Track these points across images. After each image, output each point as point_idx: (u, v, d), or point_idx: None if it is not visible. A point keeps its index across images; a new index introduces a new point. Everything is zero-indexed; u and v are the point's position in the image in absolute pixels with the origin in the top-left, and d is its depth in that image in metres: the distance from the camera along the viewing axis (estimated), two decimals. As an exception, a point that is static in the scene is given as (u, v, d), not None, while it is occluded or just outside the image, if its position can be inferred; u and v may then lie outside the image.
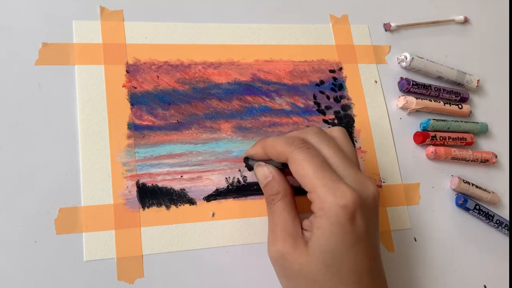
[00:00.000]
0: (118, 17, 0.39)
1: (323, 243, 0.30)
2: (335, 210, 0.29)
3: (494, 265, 0.43)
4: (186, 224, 0.36)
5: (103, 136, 0.36)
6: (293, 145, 0.32)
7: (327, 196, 0.30)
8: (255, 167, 0.35)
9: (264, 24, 0.43)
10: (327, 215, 0.30)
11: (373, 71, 0.45)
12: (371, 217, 0.31)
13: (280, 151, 0.32)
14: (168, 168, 0.37)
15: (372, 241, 0.31)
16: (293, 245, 0.31)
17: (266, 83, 0.41)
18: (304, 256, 0.30)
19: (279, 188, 0.33)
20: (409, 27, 0.48)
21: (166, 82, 0.39)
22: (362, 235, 0.30)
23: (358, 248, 0.30)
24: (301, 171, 0.31)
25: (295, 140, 0.32)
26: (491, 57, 0.50)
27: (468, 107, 0.46)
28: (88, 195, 0.34)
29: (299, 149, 0.31)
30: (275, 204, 0.33)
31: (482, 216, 0.43)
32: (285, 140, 0.32)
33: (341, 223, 0.29)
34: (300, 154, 0.31)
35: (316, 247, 0.30)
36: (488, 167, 0.46)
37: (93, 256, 0.33)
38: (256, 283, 0.36)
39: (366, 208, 0.31)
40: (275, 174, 0.33)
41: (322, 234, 0.30)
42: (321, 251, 0.30)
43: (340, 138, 0.34)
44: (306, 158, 0.31)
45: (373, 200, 0.31)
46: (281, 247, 0.31)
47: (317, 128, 0.34)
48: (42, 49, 0.37)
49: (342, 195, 0.29)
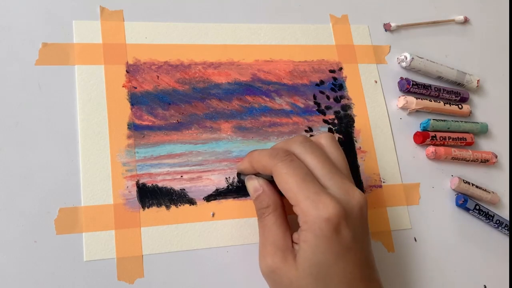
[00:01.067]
0: (118, 17, 0.39)
1: (310, 257, 0.30)
2: (319, 223, 0.29)
3: (494, 265, 0.43)
4: (186, 224, 0.36)
5: (103, 136, 0.36)
6: (276, 158, 0.31)
7: (309, 210, 0.29)
8: (246, 180, 0.34)
9: (264, 24, 0.43)
10: (311, 229, 0.29)
11: (373, 71, 0.45)
12: (358, 225, 0.31)
13: (265, 164, 0.32)
14: (168, 168, 0.37)
15: (361, 249, 0.31)
16: (283, 260, 0.31)
17: (266, 83, 0.41)
18: (293, 271, 0.30)
19: (269, 201, 0.33)
20: (409, 27, 0.48)
21: (166, 82, 0.39)
22: (349, 245, 0.30)
23: (346, 258, 0.30)
24: (284, 184, 0.31)
25: (278, 153, 0.32)
26: (491, 57, 0.50)
27: (468, 107, 0.46)
28: (88, 195, 0.34)
29: (282, 162, 0.31)
30: (266, 217, 0.33)
31: (482, 216, 0.43)
32: (269, 153, 0.32)
33: (326, 235, 0.29)
34: (283, 167, 0.31)
35: (304, 261, 0.30)
36: (488, 167, 0.46)
37: (93, 256, 0.33)
38: (256, 283, 0.36)
39: (352, 218, 0.30)
40: (265, 187, 0.33)
41: (309, 248, 0.30)
42: (309, 265, 0.30)
43: (327, 145, 0.34)
44: (288, 171, 0.30)
45: (359, 209, 0.31)
46: (271, 262, 0.31)
47: (302, 137, 0.33)
48: (42, 49, 0.37)
49: (325, 208, 0.29)
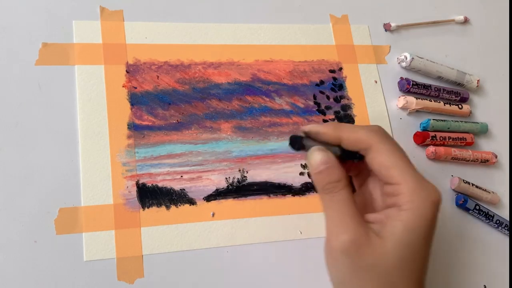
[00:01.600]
0: (118, 17, 0.39)
1: (405, 236, 0.29)
2: (427, 205, 0.29)
3: (494, 265, 0.43)
4: (186, 224, 0.36)
5: (103, 136, 0.36)
6: (377, 135, 0.31)
7: (418, 190, 0.29)
8: (313, 150, 0.31)
9: (264, 24, 0.43)
10: (416, 208, 0.29)
11: (373, 71, 0.45)
12: None
13: (362, 138, 0.31)
14: (168, 168, 0.37)
15: None
16: (366, 235, 0.29)
17: (266, 83, 0.41)
18: (379, 248, 0.29)
19: (341, 175, 0.31)
20: (409, 27, 0.48)
21: (166, 82, 0.39)
22: (435, 231, 0.30)
23: (431, 244, 0.30)
24: (389, 162, 0.30)
25: (378, 130, 0.31)
26: (491, 57, 0.50)
27: (468, 107, 0.46)
28: (88, 195, 0.34)
29: (386, 140, 0.31)
30: (339, 192, 0.30)
31: (482, 216, 0.43)
32: (366, 128, 0.31)
33: (429, 218, 0.29)
34: (388, 145, 0.30)
35: (397, 239, 0.29)
36: (488, 167, 0.46)
37: (93, 256, 0.33)
38: (256, 283, 0.36)
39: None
40: (336, 161, 0.31)
41: (405, 227, 0.29)
42: (402, 244, 0.29)
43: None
44: (394, 149, 0.30)
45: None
46: (354, 237, 0.29)
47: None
48: (42, 49, 0.37)
49: (433, 192, 0.29)
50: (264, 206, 0.38)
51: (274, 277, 0.36)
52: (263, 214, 0.38)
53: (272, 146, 0.40)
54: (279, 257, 0.37)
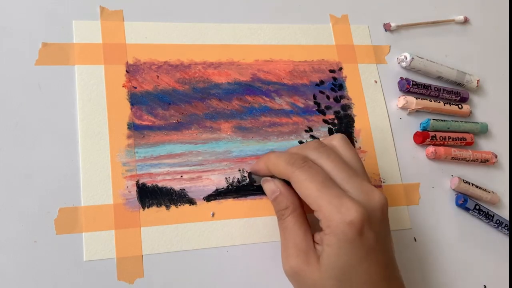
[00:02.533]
0: (118, 17, 0.39)
1: (334, 260, 0.30)
2: (342, 227, 0.29)
3: (494, 265, 0.43)
4: (186, 224, 0.36)
5: (103, 136, 0.36)
6: (294, 165, 0.32)
7: (332, 214, 0.30)
8: (262, 182, 0.35)
9: (264, 24, 0.43)
10: (334, 232, 0.30)
11: (373, 71, 0.45)
12: (380, 227, 0.31)
13: (282, 171, 0.32)
14: (168, 168, 0.37)
15: (384, 249, 0.31)
16: (306, 261, 0.31)
17: (266, 83, 0.41)
18: (316, 272, 0.30)
19: (288, 202, 0.33)
20: (409, 27, 0.48)
21: (166, 82, 0.39)
22: (372, 247, 0.30)
23: (369, 259, 0.30)
24: (304, 191, 0.31)
25: (296, 160, 0.32)
26: (491, 57, 0.50)
27: (468, 107, 0.46)
28: (88, 195, 0.34)
29: (300, 169, 0.31)
30: (285, 219, 0.33)
31: (482, 216, 0.43)
32: (286, 159, 0.32)
33: (349, 239, 0.29)
34: (302, 175, 0.31)
35: (328, 264, 0.30)
36: (488, 167, 0.46)
37: (93, 256, 0.33)
38: (256, 283, 0.36)
39: (374, 219, 0.31)
40: (283, 189, 0.33)
41: (332, 251, 0.30)
42: (333, 267, 0.30)
43: (341, 147, 0.34)
44: (308, 177, 0.31)
45: (380, 210, 0.31)
46: (294, 264, 0.31)
47: (316, 142, 0.34)
48: (42, 49, 0.37)
49: (348, 211, 0.29)
50: (264, 206, 0.38)
51: (274, 277, 0.36)
52: (263, 214, 0.38)
53: (272, 146, 0.40)
54: (279, 257, 0.37)
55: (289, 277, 0.33)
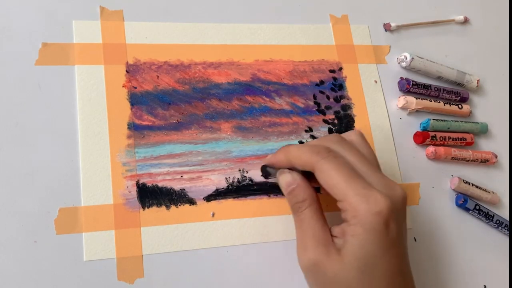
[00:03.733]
0: (118, 17, 0.39)
1: (357, 250, 0.30)
2: (370, 218, 0.29)
3: (494, 265, 0.43)
4: (186, 224, 0.36)
5: (103, 136, 0.36)
6: (319, 155, 0.31)
7: (360, 204, 0.30)
8: (278, 174, 0.34)
9: (264, 24, 0.43)
10: (361, 223, 0.30)
11: (373, 71, 0.45)
12: (402, 220, 0.31)
13: (306, 160, 0.32)
14: (168, 168, 0.37)
15: (404, 243, 0.32)
16: (326, 253, 0.31)
17: (266, 83, 0.41)
18: (337, 264, 0.30)
19: (305, 195, 0.33)
20: (409, 27, 0.48)
21: (166, 82, 0.39)
22: (395, 239, 0.30)
23: (392, 252, 0.30)
24: (330, 180, 0.31)
25: (320, 150, 0.32)
26: (491, 57, 0.50)
27: (468, 107, 0.46)
28: (88, 195, 0.34)
29: (326, 158, 0.31)
30: (303, 212, 0.33)
31: (482, 216, 0.43)
32: (310, 149, 0.32)
33: (376, 230, 0.29)
34: (328, 164, 0.31)
35: (351, 254, 0.30)
36: (488, 167, 0.46)
37: (93, 256, 0.33)
38: (256, 283, 0.36)
39: (397, 212, 0.31)
40: (300, 181, 0.33)
41: (357, 241, 0.30)
42: (356, 258, 0.30)
43: (358, 142, 0.34)
44: (334, 167, 0.31)
45: (402, 204, 0.31)
46: (313, 256, 0.31)
47: (337, 135, 0.34)
48: (42, 49, 0.37)
49: (376, 202, 0.30)
50: (264, 206, 0.38)
51: (274, 277, 0.36)
52: (263, 214, 0.38)
53: (272, 146, 0.40)
54: (279, 257, 0.37)
55: (306, 269, 0.32)
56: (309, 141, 0.35)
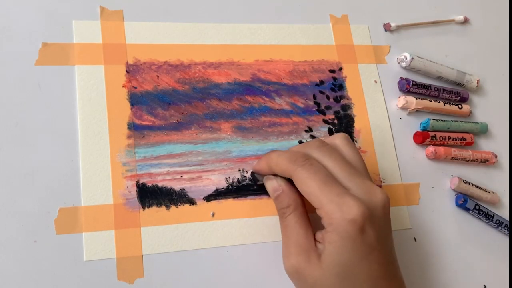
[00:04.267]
0: (118, 17, 0.39)
1: (335, 257, 0.30)
2: (344, 225, 0.29)
3: (494, 265, 0.43)
4: (186, 224, 0.36)
5: (103, 136, 0.36)
6: (295, 163, 0.32)
7: (334, 212, 0.30)
8: (264, 180, 0.35)
9: (264, 24, 0.43)
10: (336, 230, 0.30)
11: (373, 71, 0.45)
12: (382, 225, 0.31)
13: (284, 169, 0.32)
14: (168, 168, 0.37)
15: (385, 248, 0.31)
16: (307, 259, 0.31)
17: (266, 83, 0.41)
18: (318, 270, 0.30)
19: (290, 201, 0.33)
20: (409, 27, 0.48)
21: (166, 82, 0.39)
22: (374, 245, 0.30)
23: (371, 258, 0.30)
24: (306, 188, 0.31)
25: (297, 157, 0.32)
26: (491, 57, 0.50)
27: (468, 107, 0.46)
28: (88, 195, 0.34)
29: (302, 166, 0.31)
30: (287, 217, 0.33)
31: (482, 216, 0.43)
32: (288, 157, 0.32)
33: (351, 237, 0.29)
34: (304, 172, 0.31)
35: (329, 261, 0.30)
36: (488, 167, 0.46)
37: (93, 256, 0.33)
38: (256, 283, 0.36)
39: (376, 217, 0.31)
40: (285, 187, 0.33)
41: (334, 249, 0.30)
42: (334, 265, 0.30)
43: (343, 146, 0.34)
44: (309, 175, 0.31)
45: (382, 208, 0.31)
46: (295, 262, 0.31)
47: (318, 141, 0.34)
48: (42, 49, 0.37)
49: (349, 209, 0.29)
50: (264, 206, 0.38)
51: (274, 277, 0.36)
52: (263, 214, 0.38)
53: (272, 146, 0.40)
54: (279, 257, 0.37)
55: (290, 275, 0.33)
56: (292, 147, 0.35)
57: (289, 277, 0.33)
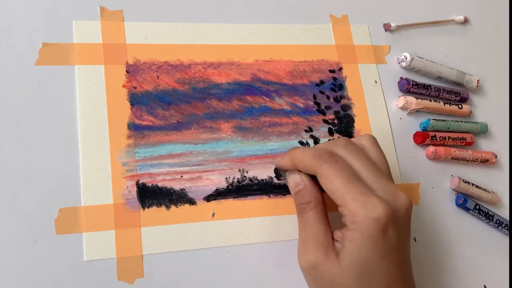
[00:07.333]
0: (118, 17, 0.39)
1: (355, 255, 0.30)
2: (367, 223, 0.29)
3: (494, 265, 0.43)
4: (186, 224, 0.36)
5: (103, 136, 0.36)
6: (320, 159, 0.31)
7: (358, 210, 0.30)
8: (287, 175, 0.35)
9: (264, 24, 0.43)
10: (359, 229, 0.30)
11: (373, 71, 0.45)
12: (403, 227, 0.31)
13: (308, 165, 0.32)
14: (168, 168, 0.37)
15: (404, 251, 0.32)
16: (325, 256, 0.31)
17: (266, 83, 0.41)
18: (336, 267, 0.30)
19: (311, 197, 0.33)
20: (409, 27, 0.48)
21: (166, 82, 0.39)
22: (394, 246, 0.30)
23: (390, 258, 0.30)
24: (330, 185, 0.31)
25: (322, 154, 0.32)
26: (491, 57, 0.51)
27: (468, 107, 0.46)
28: (88, 195, 0.34)
29: (327, 163, 0.31)
30: (307, 213, 0.33)
31: (482, 216, 0.43)
32: (313, 153, 0.32)
33: (373, 235, 0.29)
34: (329, 169, 0.31)
35: (348, 259, 0.30)
36: (488, 167, 0.46)
37: (93, 256, 0.33)
38: (256, 283, 0.36)
39: (398, 219, 0.31)
40: (307, 183, 0.33)
41: (355, 247, 0.30)
42: (353, 263, 0.30)
43: (369, 147, 0.34)
44: (334, 172, 0.31)
45: (405, 211, 0.31)
46: (313, 258, 0.31)
47: (345, 139, 0.34)
48: (42, 49, 0.37)
49: (374, 208, 0.29)
50: (264, 206, 0.38)
51: (274, 277, 0.36)
52: (263, 214, 0.38)
53: (272, 146, 0.40)
54: (279, 257, 0.37)
55: (305, 271, 0.32)
56: (319, 143, 0.35)
57: (303, 273, 0.32)
